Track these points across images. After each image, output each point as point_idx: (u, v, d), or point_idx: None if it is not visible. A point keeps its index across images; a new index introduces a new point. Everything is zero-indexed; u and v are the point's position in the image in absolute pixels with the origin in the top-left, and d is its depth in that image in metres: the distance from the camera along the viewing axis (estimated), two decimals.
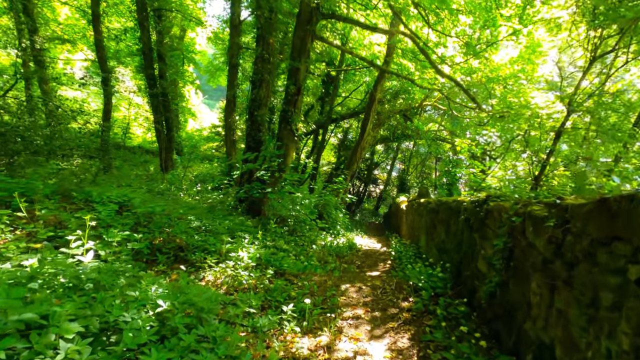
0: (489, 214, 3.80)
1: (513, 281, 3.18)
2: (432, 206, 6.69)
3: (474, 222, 4.20)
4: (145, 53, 17.37)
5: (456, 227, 5.07)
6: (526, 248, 2.96)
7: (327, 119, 18.14)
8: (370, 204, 27.83)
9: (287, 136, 8.65)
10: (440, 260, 5.71)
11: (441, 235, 5.90)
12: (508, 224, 3.26)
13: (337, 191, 12.04)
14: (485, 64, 11.66)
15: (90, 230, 4.44)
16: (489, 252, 3.73)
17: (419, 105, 14.99)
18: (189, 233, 5.37)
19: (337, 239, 10.15)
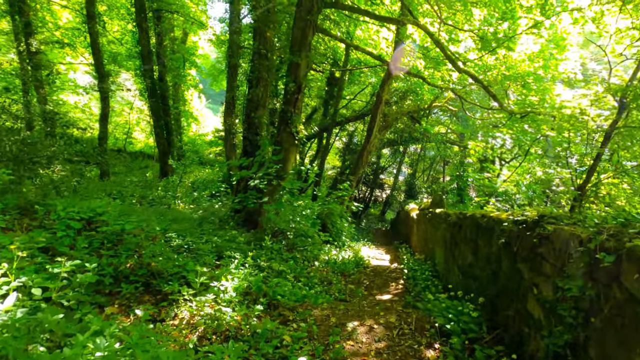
0: (546, 241, 2.80)
1: (596, 346, 2.18)
2: (452, 220, 5.68)
3: (519, 249, 3.20)
4: (143, 56, 16.60)
5: (488, 250, 4.06)
6: (624, 303, 1.96)
7: (331, 121, 17.20)
8: (377, 209, 26.76)
9: (287, 139, 7.71)
10: (466, 287, 4.69)
11: (467, 257, 4.88)
12: (586, 261, 2.26)
13: (342, 198, 11.06)
14: (502, 61, 10.64)
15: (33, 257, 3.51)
16: (546, 294, 2.72)
17: (428, 107, 13.98)
18: (166, 255, 4.42)
19: (343, 252, 9.15)
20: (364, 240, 13.27)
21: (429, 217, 8.14)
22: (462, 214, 5.26)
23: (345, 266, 7.14)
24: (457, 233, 5.42)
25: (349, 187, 10.84)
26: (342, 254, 8.74)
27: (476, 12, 10.47)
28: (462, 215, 5.22)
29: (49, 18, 19.51)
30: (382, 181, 23.33)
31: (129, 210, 6.21)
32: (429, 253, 7.76)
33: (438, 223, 6.89)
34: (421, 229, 9.25)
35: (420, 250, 9.09)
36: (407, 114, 13.99)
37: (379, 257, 10.76)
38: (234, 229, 7.26)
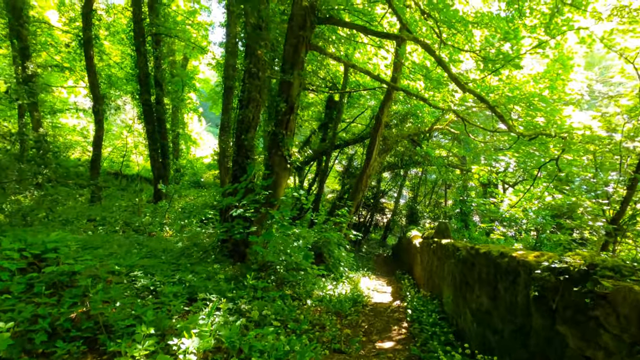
0: (603, 301, 2.03)
1: None
2: (462, 255, 4.88)
3: (560, 307, 2.42)
4: (141, 79, 16.25)
5: (512, 299, 3.27)
6: None
7: (330, 144, 16.60)
8: (377, 233, 25.79)
9: (278, 163, 7.02)
10: (483, 340, 3.86)
11: (482, 302, 4.07)
12: None
13: (340, 225, 10.27)
14: (506, 82, 10.10)
15: None
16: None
17: (429, 130, 13.40)
18: (122, 302, 3.63)
19: (340, 286, 8.28)
20: (364, 269, 12.36)
21: (433, 248, 7.33)
22: (474, 250, 4.47)
23: (341, 304, 6.28)
24: (469, 271, 4.61)
25: (348, 214, 10.07)
26: (339, 288, 7.87)
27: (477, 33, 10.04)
28: (475, 251, 4.44)
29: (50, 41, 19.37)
30: (382, 205, 22.52)
31: (96, 242, 5.46)
32: (435, 289, 6.90)
33: (445, 256, 6.08)
34: (425, 259, 8.41)
35: (425, 284, 8.21)
36: (407, 137, 13.39)
37: (379, 290, 9.85)
38: (219, 262, 6.46)
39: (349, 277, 9.77)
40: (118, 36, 18.00)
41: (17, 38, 14.88)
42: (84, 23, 13.69)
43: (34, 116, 15.72)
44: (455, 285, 5.26)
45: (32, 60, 15.19)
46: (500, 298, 3.58)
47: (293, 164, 7.19)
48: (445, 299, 6.07)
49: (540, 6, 8.42)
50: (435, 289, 6.92)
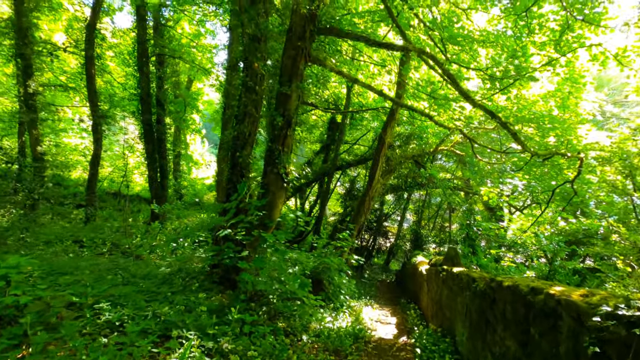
0: None
1: None
2: (480, 288, 4.19)
3: None
4: (143, 98, 16.06)
5: (552, 349, 2.59)
6: None
7: (332, 166, 16.09)
8: (380, 258, 24.84)
9: (274, 182, 6.45)
10: None
11: (508, 346, 3.36)
12: None
13: (342, 250, 9.56)
14: (513, 101, 9.63)
15: None
16: None
17: (434, 151, 12.87)
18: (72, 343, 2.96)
19: (340, 317, 7.50)
20: (366, 297, 11.52)
21: (443, 277, 6.60)
22: (496, 282, 3.80)
23: (341, 340, 5.52)
24: (489, 308, 3.91)
25: (349, 237, 9.38)
26: (339, 320, 7.10)
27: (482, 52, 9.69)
28: (496, 284, 3.76)
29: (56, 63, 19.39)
30: (386, 229, 21.74)
31: (66, 267, 4.82)
32: (446, 323, 6.13)
33: (458, 287, 5.37)
34: (433, 288, 7.65)
35: (433, 316, 7.42)
36: (411, 158, 12.85)
37: (383, 321, 9.01)
38: (206, 290, 5.78)
39: (350, 307, 8.97)
40: (122, 57, 17.94)
41: (20, 57, 14.80)
42: (86, 41, 13.57)
43: (32, 134, 15.40)
44: (472, 322, 4.53)
45: (34, 79, 15.03)
46: (534, 345, 2.88)
47: (290, 183, 6.61)
48: (459, 336, 5.32)
49: (550, 23, 8.04)
50: (446, 323, 6.15)
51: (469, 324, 4.65)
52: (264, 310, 5.56)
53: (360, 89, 15.47)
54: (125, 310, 3.81)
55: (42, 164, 15.92)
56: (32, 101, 15.15)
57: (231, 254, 5.66)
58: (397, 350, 5.64)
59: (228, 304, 5.17)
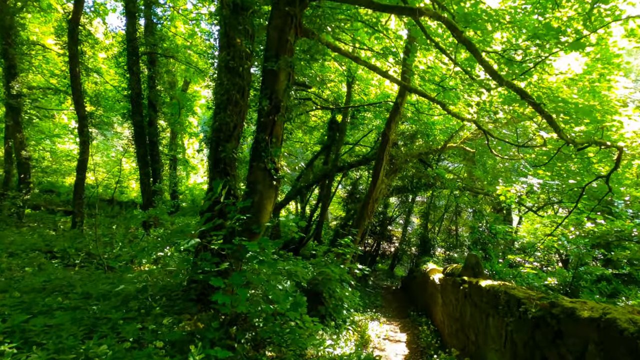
0: None
1: None
2: (531, 313, 3.02)
3: None
4: (133, 99, 15.03)
5: None
6: None
7: (332, 167, 14.97)
8: (384, 263, 23.57)
9: (261, 180, 5.32)
10: None
11: None
12: None
13: (343, 257, 8.40)
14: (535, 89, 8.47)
15: None
16: None
17: (442, 148, 11.73)
18: None
19: (342, 337, 6.32)
20: (372, 309, 10.32)
21: (465, 291, 5.42)
22: (562, 309, 2.62)
23: None
24: (550, 343, 2.73)
25: (352, 243, 8.22)
26: (340, 342, 5.91)
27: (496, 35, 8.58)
28: (564, 313, 2.58)
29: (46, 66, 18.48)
30: (390, 233, 20.51)
31: None
32: (471, 349, 4.93)
33: (490, 307, 4.19)
34: (451, 303, 6.45)
35: (451, 335, 6.22)
36: (417, 156, 11.71)
37: (392, 338, 7.81)
38: (177, 313, 4.63)
39: (354, 322, 7.79)
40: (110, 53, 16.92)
41: (4, 57, 13.83)
42: (69, 37, 12.58)
43: (17, 138, 14.38)
44: (517, 356, 3.35)
45: (17, 80, 14.04)
46: None
47: (280, 181, 5.48)
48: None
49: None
50: (470, 348, 4.95)
51: (512, 357, 3.47)
52: (247, 337, 4.40)
53: (362, 85, 14.39)
54: (39, 353, 2.66)
55: (27, 170, 14.90)
56: (15, 103, 14.14)
57: (207, 267, 4.52)
58: None
59: (201, 330, 4.01)
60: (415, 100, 11.99)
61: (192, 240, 3.91)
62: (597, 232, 8.80)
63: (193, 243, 3.90)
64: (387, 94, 13.37)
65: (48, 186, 19.25)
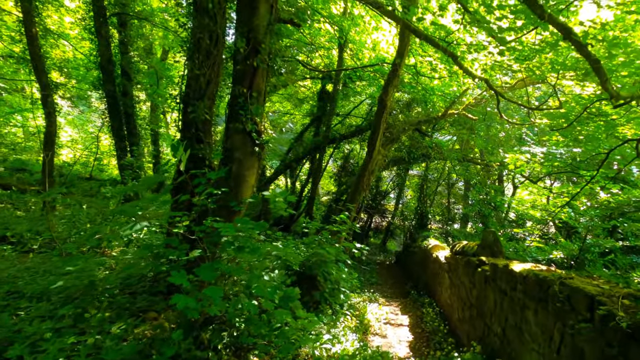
0: None
1: None
2: (623, 319, 2.08)
3: None
4: (103, 66, 13.41)
5: None
6: None
7: (324, 139, 13.83)
8: (377, 237, 22.96)
9: (240, 145, 4.22)
10: None
11: None
12: None
13: (339, 235, 7.46)
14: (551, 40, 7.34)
15: None
16: None
17: (443, 115, 10.67)
18: None
19: (340, 327, 5.46)
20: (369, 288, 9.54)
21: (486, 274, 4.52)
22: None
23: None
24: None
25: (348, 220, 7.26)
26: (339, 331, 5.04)
27: None
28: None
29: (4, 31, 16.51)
30: (383, 207, 19.74)
31: None
32: (495, 344, 4.08)
33: (529, 299, 3.28)
34: (463, 285, 5.60)
35: (462, 321, 5.40)
36: (416, 125, 10.65)
37: (393, 321, 7.03)
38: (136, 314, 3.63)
39: (352, 306, 6.95)
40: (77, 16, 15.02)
41: None
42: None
43: None
44: None
45: None
46: None
47: (264, 146, 4.38)
48: None
49: None
50: (494, 342, 4.11)
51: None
52: (226, 341, 3.43)
53: (355, 48, 13.02)
54: None
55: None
56: None
57: (173, 255, 3.48)
58: None
59: (162, 341, 3.01)
60: (414, 63, 10.79)
61: (136, 225, 2.83)
62: (613, 202, 8.02)
63: (138, 228, 2.82)
64: (382, 57, 12.08)
65: (17, 164, 17.69)
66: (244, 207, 4.41)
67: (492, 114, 11.72)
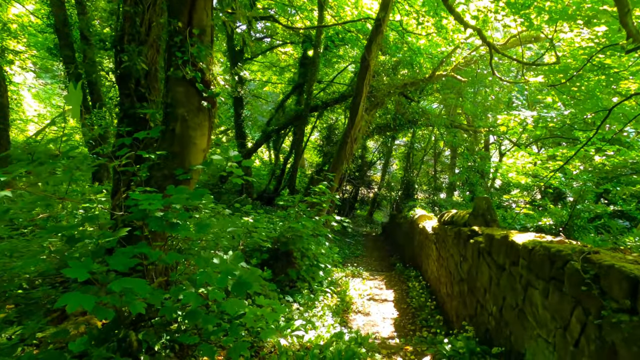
0: None
1: None
2: None
3: None
4: (58, 29, 11.94)
5: None
6: None
7: (305, 106, 12.88)
8: (363, 209, 22.54)
9: (183, 98, 3.36)
10: None
11: None
12: None
13: (319, 208, 6.75)
14: None
15: None
16: None
17: (431, 77, 9.82)
18: None
19: (318, 307, 4.86)
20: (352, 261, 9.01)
21: (480, 246, 3.90)
22: None
23: None
24: None
25: (328, 190, 6.54)
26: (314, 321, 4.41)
27: None
28: None
29: None
30: (369, 178, 19.13)
31: None
32: (488, 321, 3.51)
33: (534, 276, 2.64)
34: (452, 258, 5.02)
35: (451, 295, 4.86)
36: (401, 88, 9.79)
37: (377, 297, 6.51)
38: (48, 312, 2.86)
39: (333, 282, 6.37)
40: None
41: None
42: None
43: None
44: None
45: None
46: None
47: (215, 100, 3.52)
48: (528, 357, 2.72)
49: None
50: (486, 320, 3.55)
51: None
52: (164, 341, 2.73)
53: (335, 7, 11.84)
54: None
55: None
56: None
57: (109, 236, 2.70)
58: None
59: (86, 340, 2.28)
60: (400, 20, 9.77)
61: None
62: (608, 165, 7.49)
63: None
64: (365, 14, 10.98)
65: None
66: (195, 176, 3.60)
67: (481, 76, 10.92)
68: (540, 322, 2.64)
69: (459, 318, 4.49)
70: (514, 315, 3.08)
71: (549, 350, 2.50)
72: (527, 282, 2.85)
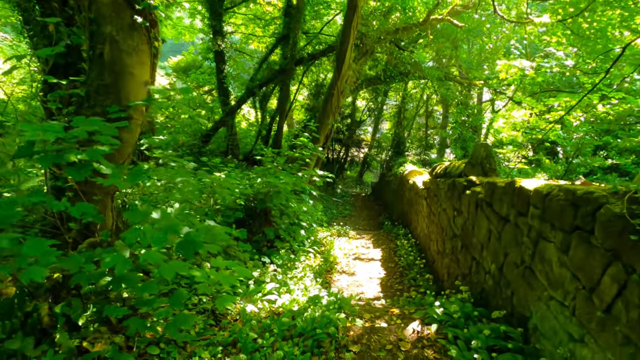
0: None
1: None
2: None
3: None
4: None
5: None
6: None
7: (290, 59, 11.82)
8: (353, 170, 22.02)
9: (111, 12, 2.57)
10: None
11: None
12: None
13: (301, 163, 6.11)
14: None
15: None
16: None
17: (425, 21, 8.84)
18: None
19: (298, 270, 4.40)
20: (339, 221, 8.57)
21: (478, 197, 3.35)
22: None
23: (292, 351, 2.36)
24: None
25: (310, 143, 5.87)
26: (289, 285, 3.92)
27: None
28: None
29: None
30: (359, 138, 18.41)
31: None
32: (484, 281, 3.04)
33: (549, 227, 2.10)
34: (444, 213, 4.51)
35: (442, 253, 4.41)
36: (393, 34, 8.82)
37: (363, 256, 6.09)
38: None
39: (316, 242, 5.91)
40: None
41: None
42: None
43: None
44: None
45: None
46: None
47: (155, 21, 2.73)
48: (535, 320, 2.26)
49: None
50: (482, 278, 3.09)
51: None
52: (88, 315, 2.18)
53: None
54: None
55: None
56: None
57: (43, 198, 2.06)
58: (408, 348, 2.54)
59: None
60: None
61: None
62: (612, 115, 6.90)
63: None
64: None
65: None
66: (135, 115, 2.88)
67: (479, 23, 9.94)
68: (554, 281, 2.14)
69: (450, 277, 4.07)
70: (518, 274, 2.59)
71: (565, 315, 2.02)
72: (539, 234, 2.32)
